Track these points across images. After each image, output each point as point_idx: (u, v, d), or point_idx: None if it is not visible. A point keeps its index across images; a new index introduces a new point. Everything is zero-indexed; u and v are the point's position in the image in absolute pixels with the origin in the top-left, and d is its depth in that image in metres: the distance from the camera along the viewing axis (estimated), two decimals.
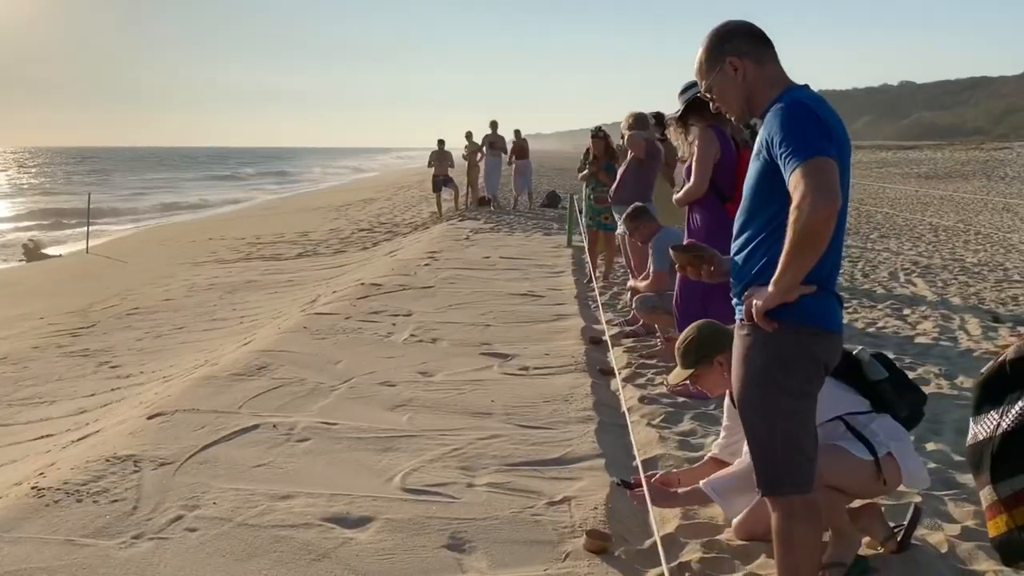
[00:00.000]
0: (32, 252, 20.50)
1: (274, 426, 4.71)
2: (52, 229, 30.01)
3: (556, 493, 3.92)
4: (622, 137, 9.31)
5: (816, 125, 2.39)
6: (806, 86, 2.59)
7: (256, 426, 4.70)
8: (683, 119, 5.59)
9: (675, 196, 5.87)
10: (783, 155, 2.37)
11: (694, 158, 5.48)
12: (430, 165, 19.83)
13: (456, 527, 3.51)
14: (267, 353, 6.39)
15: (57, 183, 63.78)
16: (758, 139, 2.54)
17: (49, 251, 20.97)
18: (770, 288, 2.42)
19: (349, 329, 7.34)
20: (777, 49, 2.65)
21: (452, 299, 8.68)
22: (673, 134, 6.23)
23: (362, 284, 9.64)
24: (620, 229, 8.42)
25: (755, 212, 2.58)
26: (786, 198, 2.38)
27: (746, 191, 2.63)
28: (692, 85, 5.35)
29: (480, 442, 4.56)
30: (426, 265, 11.07)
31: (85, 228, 21.79)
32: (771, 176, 2.47)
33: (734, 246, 2.67)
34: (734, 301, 2.68)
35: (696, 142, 5.48)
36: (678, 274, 5.11)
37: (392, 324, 7.56)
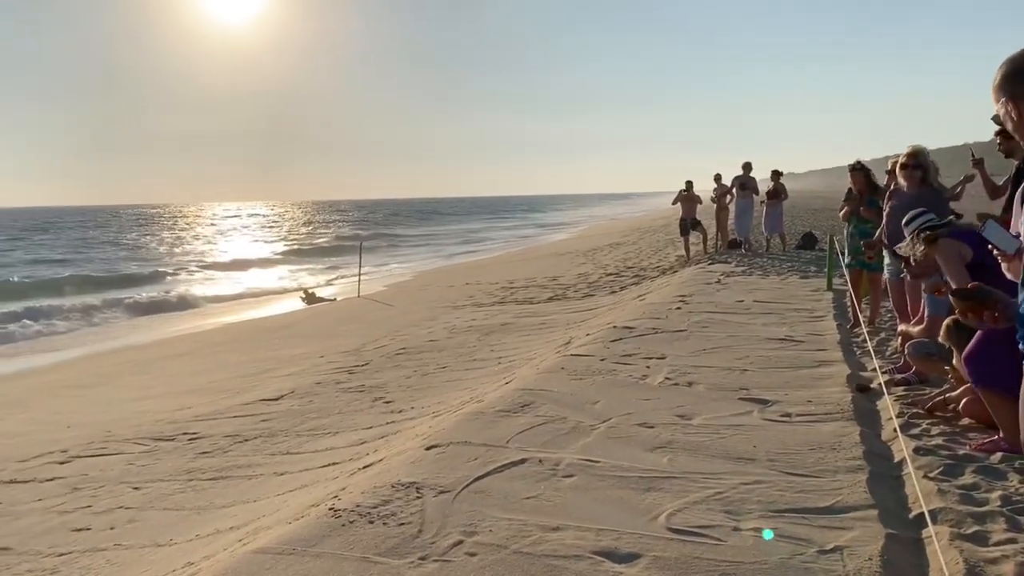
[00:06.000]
0: (310, 297, 22.49)
1: (540, 461, 4.90)
2: (329, 274, 32.91)
3: (827, 542, 3.80)
4: (887, 173, 8.90)
5: None
6: None
7: (523, 460, 4.91)
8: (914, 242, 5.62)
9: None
10: None
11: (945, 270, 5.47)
12: (675, 203, 19.81)
13: (725, 569, 3.50)
14: (529, 392, 6.65)
15: (335, 231, 69.84)
16: None
17: (325, 295, 22.87)
18: None
19: (604, 370, 7.48)
20: None
21: (706, 343, 8.61)
22: (908, 248, 6.05)
23: (614, 327, 9.78)
24: (887, 271, 8.03)
25: None
26: None
27: None
28: (918, 215, 5.61)
29: (744, 487, 4.50)
30: (677, 309, 11.05)
31: (357, 274, 23.63)
32: None
33: None
34: None
35: (940, 255, 5.52)
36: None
37: (646, 366, 7.62)
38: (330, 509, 4.22)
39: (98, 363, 14.92)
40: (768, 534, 3.96)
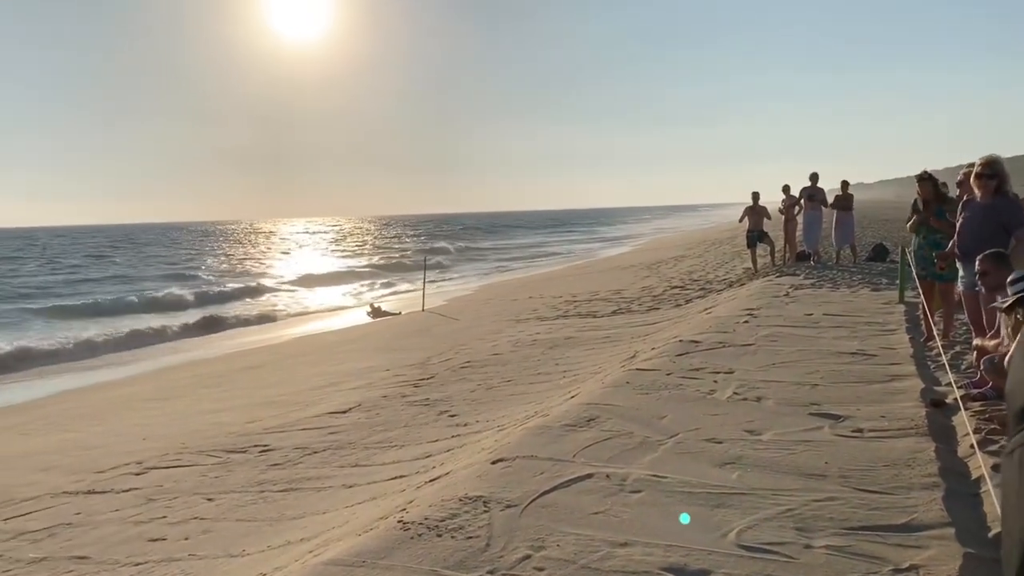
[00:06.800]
0: (376, 311, 22.77)
1: (607, 476, 4.89)
2: (394, 288, 33.34)
3: (902, 560, 3.71)
4: (958, 184, 8.68)
5: None
6: None
7: (590, 475, 4.90)
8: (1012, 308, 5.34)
9: None
10: None
11: None
12: (742, 220, 19.57)
13: None
14: (594, 406, 6.63)
15: (400, 245, 70.77)
16: None
17: (390, 309, 23.13)
18: None
19: (671, 385, 7.42)
20: None
21: (775, 357, 8.47)
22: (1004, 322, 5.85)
23: (680, 341, 9.69)
24: (960, 283, 7.82)
25: None
26: None
27: None
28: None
29: (815, 503, 4.43)
30: (745, 322, 10.90)
31: (422, 288, 23.85)
32: None
33: None
34: None
35: None
36: None
37: (714, 381, 7.53)
38: (399, 522, 4.26)
39: (173, 376, 15.31)
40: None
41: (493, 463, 5.17)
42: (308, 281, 39.88)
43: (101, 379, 16.11)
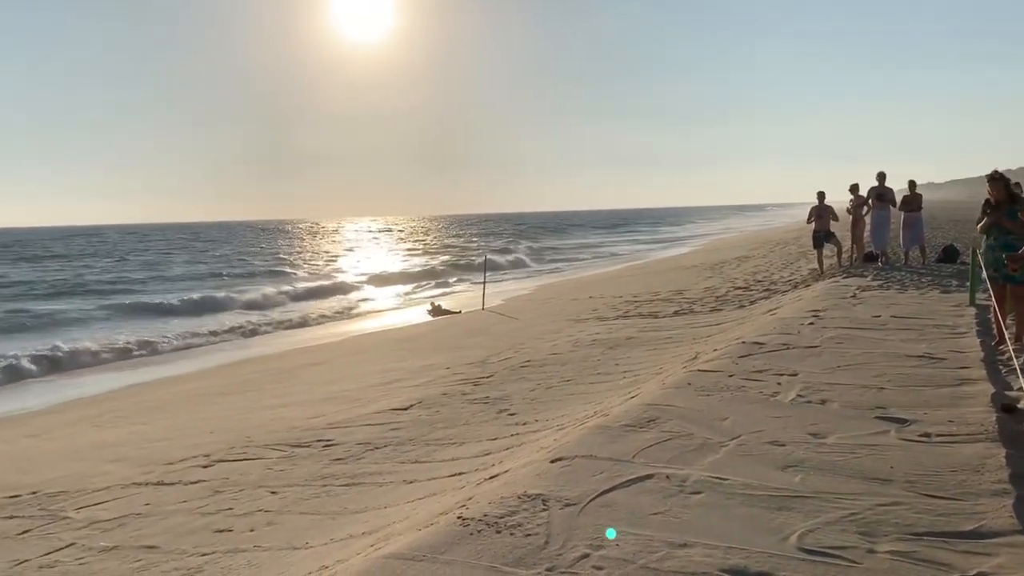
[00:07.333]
0: (436, 310, 22.96)
1: (667, 477, 4.87)
2: (455, 287, 33.58)
3: (969, 568, 3.64)
4: None
5: None
6: None
7: (650, 476, 4.89)
8: None
9: None
10: None
11: None
12: (809, 221, 19.24)
13: None
14: (654, 407, 6.60)
15: (462, 244, 71.23)
16: None
17: (450, 308, 23.29)
18: None
19: (733, 387, 7.35)
20: None
21: (840, 359, 8.33)
22: None
23: (743, 342, 9.58)
24: None
25: None
26: None
27: None
28: None
29: (880, 508, 4.35)
30: (810, 324, 10.73)
31: (482, 287, 23.95)
32: None
33: None
34: None
35: None
36: None
37: (777, 383, 7.44)
38: (459, 518, 4.31)
39: (238, 371, 15.64)
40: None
41: (552, 462, 5.19)
42: (371, 279, 40.40)
43: (170, 373, 16.54)
